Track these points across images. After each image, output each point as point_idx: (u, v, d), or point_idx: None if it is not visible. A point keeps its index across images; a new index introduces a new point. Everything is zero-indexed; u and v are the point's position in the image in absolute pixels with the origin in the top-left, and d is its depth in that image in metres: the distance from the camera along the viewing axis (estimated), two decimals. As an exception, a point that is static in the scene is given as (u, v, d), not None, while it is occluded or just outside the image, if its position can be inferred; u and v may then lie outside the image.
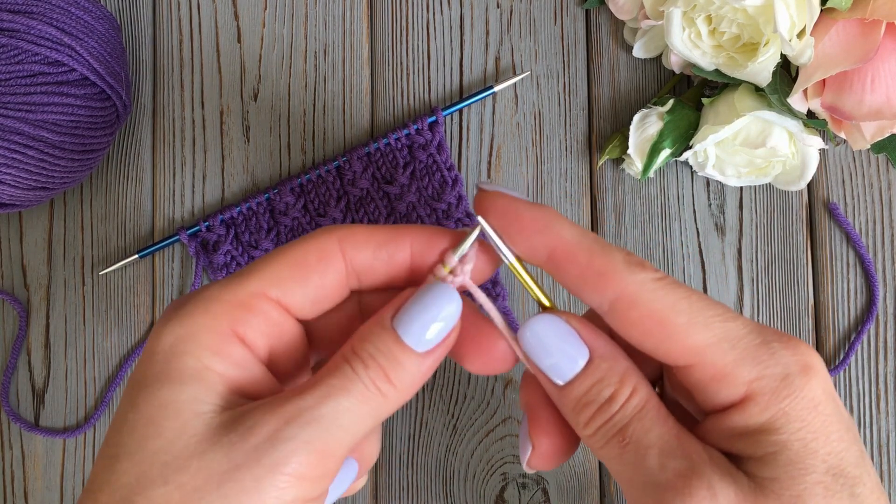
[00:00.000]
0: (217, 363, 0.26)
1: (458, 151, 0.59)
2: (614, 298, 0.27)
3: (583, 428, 0.28)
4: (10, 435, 0.58)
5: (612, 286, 0.27)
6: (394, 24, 0.59)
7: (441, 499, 0.57)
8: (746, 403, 0.26)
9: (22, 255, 0.59)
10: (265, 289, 0.28)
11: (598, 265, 0.27)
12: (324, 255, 0.28)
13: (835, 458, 0.25)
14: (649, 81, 0.59)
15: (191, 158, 0.59)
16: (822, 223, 0.58)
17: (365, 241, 0.29)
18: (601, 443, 0.27)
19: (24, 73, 0.50)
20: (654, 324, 0.26)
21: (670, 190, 0.58)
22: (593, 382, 0.27)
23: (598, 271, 0.27)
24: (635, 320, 0.27)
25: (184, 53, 0.60)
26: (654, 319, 0.26)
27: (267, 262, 0.28)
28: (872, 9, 0.46)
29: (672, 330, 0.26)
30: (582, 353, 0.28)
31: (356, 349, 0.27)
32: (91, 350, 0.58)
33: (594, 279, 0.27)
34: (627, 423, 0.27)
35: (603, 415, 0.27)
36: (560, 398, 0.28)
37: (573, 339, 0.28)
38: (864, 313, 0.57)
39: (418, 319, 0.27)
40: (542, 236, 0.28)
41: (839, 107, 0.48)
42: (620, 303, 0.27)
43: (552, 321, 0.29)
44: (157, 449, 0.25)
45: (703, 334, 0.26)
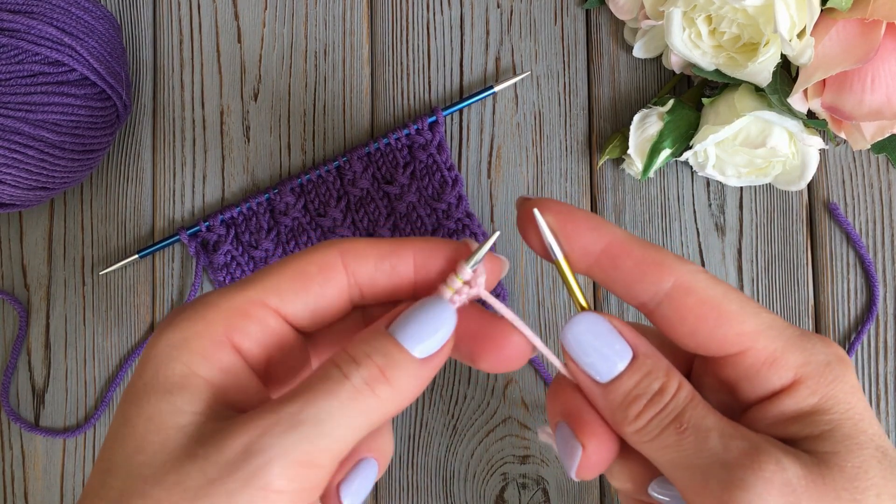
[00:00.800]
0: (205, 369, 0.26)
1: (458, 151, 0.59)
2: (672, 286, 0.27)
3: (632, 421, 0.28)
4: (10, 435, 0.58)
5: (669, 274, 0.27)
6: (394, 24, 0.59)
7: (441, 499, 0.57)
8: (796, 387, 0.27)
9: (22, 255, 0.59)
10: (264, 297, 0.27)
11: (653, 256, 0.28)
12: (325, 267, 0.28)
13: (880, 438, 0.27)
14: (649, 81, 0.59)
15: (191, 158, 0.59)
16: (822, 223, 0.58)
17: (366, 253, 0.28)
18: (654, 432, 0.27)
19: (24, 73, 0.50)
20: (709, 309, 0.27)
21: (670, 190, 0.58)
22: (641, 376, 0.28)
23: (654, 261, 0.28)
24: (691, 307, 0.27)
25: (184, 53, 0.60)
26: (710, 305, 0.27)
27: (267, 272, 0.28)
28: (872, 9, 0.46)
29: (727, 316, 0.27)
30: (625, 350, 0.28)
31: (348, 349, 0.27)
32: (91, 350, 0.58)
33: (651, 268, 0.28)
34: (682, 410, 0.27)
35: (655, 406, 0.27)
36: (604, 396, 0.28)
37: (616, 337, 0.29)
38: (864, 313, 0.57)
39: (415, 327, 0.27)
40: (596, 233, 0.28)
41: (839, 107, 0.48)
42: (677, 290, 0.27)
43: (595, 320, 0.29)
44: (141, 463, 0.25)
45: (754, 321, 0.27)
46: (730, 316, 0.27)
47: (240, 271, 0.57)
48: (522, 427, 0.57)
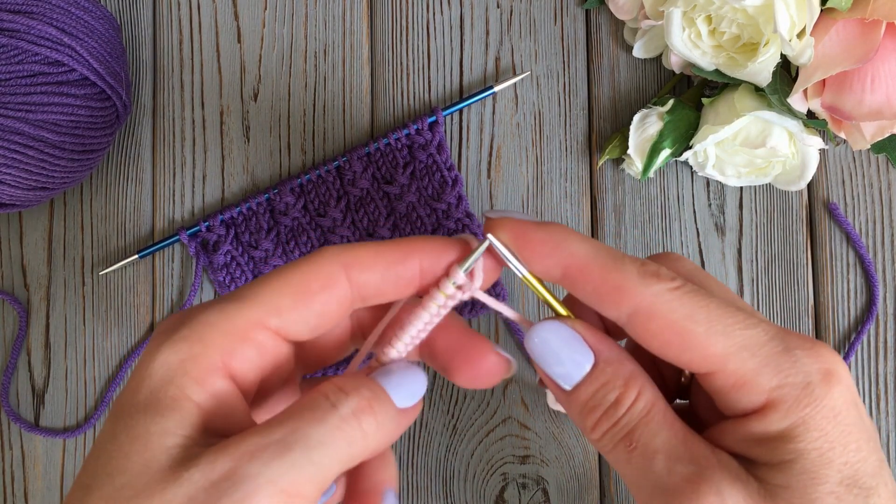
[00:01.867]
0: (197, 394, 0.25)
1: (458, 151, 0.59)
2: (631, 312, 0.27)
3: (590, 432, 0.28)
4: (10, 435, 0.58)
5: (628, 300, 0.26)
6: (394, 24, 0.59)
7: (441, 499, 0.57)
8: (767, 411, 0.26)
9: (22, 255, 0.59)
10: (264, 318, 0.26)
11: (613, 280, 0.27)
12: (328, 282, 0.27)
13: (850, 468, 0.25)
14: (649, 81, 0.59)
15: (191, 158, 0.59)
16: (822, 223, 0.58)
17: (372, 263, 0.28)
18: (609, 446, 0.27)
19: (24, 73, 0.50)
20: (672, 335, 0.26)
21: (670, 190, 0.58)
22: (598, 386, 0.28)
23: (613, 286, 0.27)
24: (654, 332, 0.26)
25: (184, 53, 0.60)
26: (673, 330, 0.26)
27: (267, 288, 0.27)
28: (872, 9, 0.46)
29: (691, 340, 0.26)
30: (587, 357, 0.28)
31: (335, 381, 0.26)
32: (91, 350, 0.58)
33: (610, 294, 0.27)
34: (634, 427, 0.27)
35: (609, 419, 0.27)
36: (568, 403, 0.29)
37: (578, 343, 0.28)
38: (863, 313, 0.57)
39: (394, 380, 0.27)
40: (553, 256, 0.28)
41: (839, 107, 0.48)
42: (638, 316, 0.27)
43: (556, 327, 0.29)
44: (123, 483, 0.24)
45: (722, 343, 0.26)
46: (694, 339, 0.26)
47: (240, 271, 0.57)
48: (522, 427, 0.57)
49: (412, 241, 0.29)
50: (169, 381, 0.25)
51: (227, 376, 0.26)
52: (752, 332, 0.26)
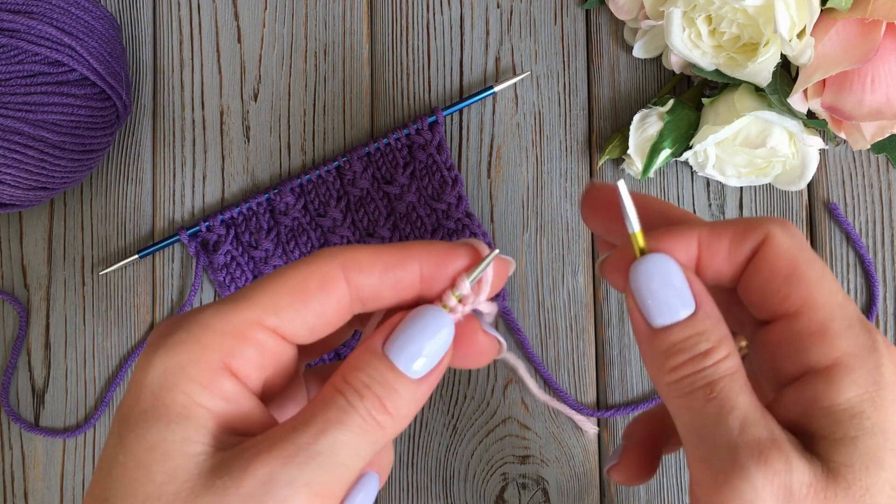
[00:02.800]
0: (207, 399, 0.25)
1: (458, 151, 0.59)
2: (764, 238, 0.28)
3: (668, 372, 0.27)
4: (10, 435, 0.58)
5: (762, 229, 0.28)
6: (394, 24, 0.59)
7: (441, 499, 0.57)
8: (833, 374, 0.26)
9: (22, 255, 0.59)
10: (262, 318, 0.26)
11: (747, 223, 0.28)
12: (326, 282, 0.27)
13: None
14: (649, 81, 0.59)
15: (191, 158, 0.59)
16: (822, 223, 0.58)
17: (370, 265, 0.27)
18: (684, 391, 0.27)
19: (24, 73, 0.50)
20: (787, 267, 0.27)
21: (670, 190, 0.58)
22: (694, 333, 0.27)
23: (744, 225, 0.28)
24: (771, 259, 0.27)
25: (184, 53, 0.60)
26: (789, 263, 0.27)
27: (265, 288, 0.26)
28: (872, 9, 0.46)
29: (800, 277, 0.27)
30: (688, 303, 0.28)
31: (348, 378, 0.26)
32: (91, 350, 0.58)
33: (745, 231, 0.28)
34: (718, 379, 0.26)
35: (695, 364, 0.27)
36: (650, 340, 0.28)
37: (684, 288, 0.28)
38: (863, 313, 0.57)
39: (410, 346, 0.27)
40: (690, 232, 0.29)
41: (839, 107, 0.48)
42: (767, 243, 0.28)
43: (668, 264, 0.28)
44: (148, 494, 0.24)
45: (824, 291, 0.27)
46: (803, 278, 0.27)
47: (240, 271, 0.57)
48: (522, 427, 0.57)
49: (413, 244, 0.28)
50: (173, 386, 0.25)
51: (231, 376, 0.26)
52: (850, 305, 0.27)
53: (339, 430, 0.25)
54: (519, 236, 0.58)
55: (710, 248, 0.28)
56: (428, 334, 0.27)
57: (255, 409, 0.26)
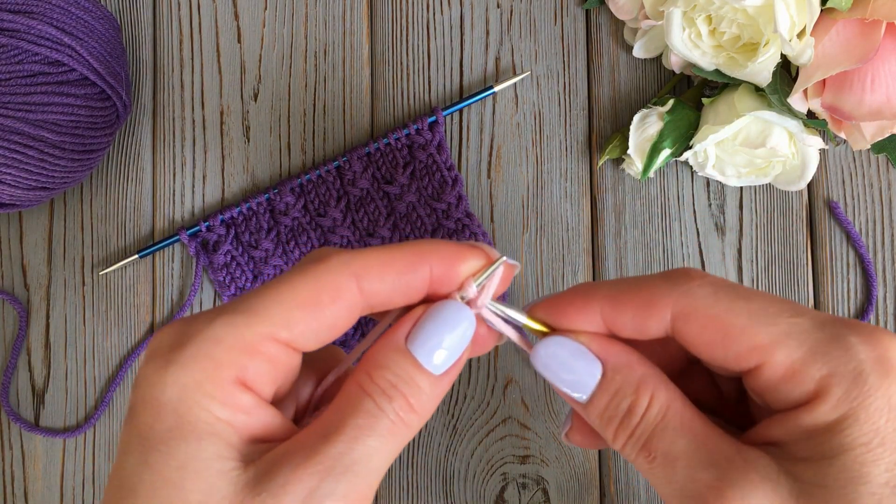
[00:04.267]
0: (228, 414, 0.25)
1: (458, 151, 0.59)
2: (672, 317, 0.26)
3: (612, 442, 0.27)
4: (10, 435, 0.58)
5: (665, 307, 0.26)
6: (394, 24, 0.59)
7: (441, 499, 0.57)
8: (816, 402, 0.24)
9: (22, 255, 0.59)
10: (274, 332, 0.25)
11: (642, 297, 0.27)
12: (339, 294, 0.26)
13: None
14: (649, 81, 0.59)
15: (191, 158, 0.59)
16: (822, 223, 0.58)
17: (383, 272, 0.27)
18: (632, 456, 0.27)
19: (24, 73, 0.50)
20: (714, 331, 0.26)
21: (670, 190, 0.58)
22: (611, 395, 0.27)
23: (646, 301, 0.27)
24: (696, 332, 0.26)
25: (184, 53, 0.60)
26: (714, 326, 0.26)
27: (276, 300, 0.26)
28: (872, 9, 0.46)
29: (733, 333, 0.25)
30: (594, 368, 0.28)
31: (374, 378, 0.26)
32: (91, 350, 0.58)
33: (646, 309, 0.27)
34: (650, 435, 0.26)
35: (625, 428, 0.27)
36: (587, 415, 0.28)
37: (583, 354, 0.28)
38: (860, 314, 0.57)
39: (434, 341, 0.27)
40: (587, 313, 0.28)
41: (839, 107, 0.48)
42: (677, 320, 0.26)
43: (559, 341, 0.28)
44: None
45: (767, 332, 0.25)
46: (737, 332, 0.25)
47: (240, 271, 0.57)
48: (522, 427, 0.57)
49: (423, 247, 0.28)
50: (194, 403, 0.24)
51: (247, 390, 0.26)
52: (799, 320, 0.25)
53: (371, 436, 0.25)
54: (519, 236, 0.58)
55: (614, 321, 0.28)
56: (450, 329, 0.27)
57: (273, 418, 0.26)
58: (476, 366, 0.58)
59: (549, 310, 0.29)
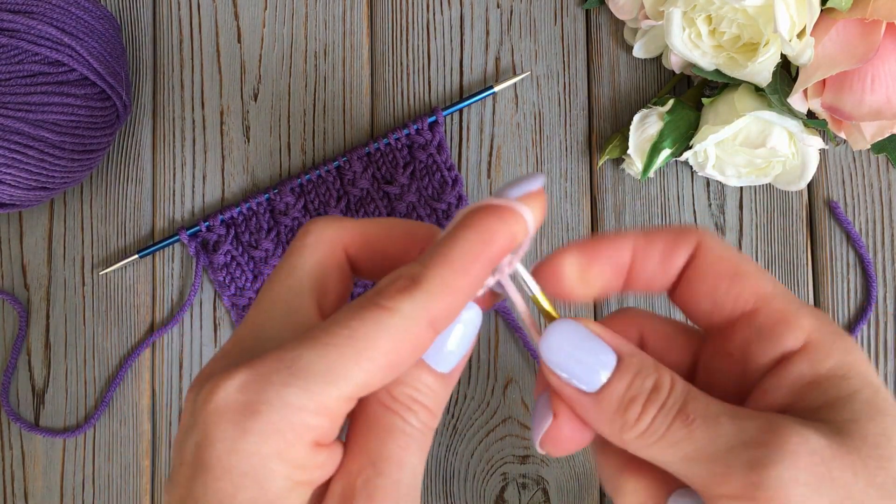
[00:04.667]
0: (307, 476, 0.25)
1: (458, 151, 0.59)
2: (696, 246, 0.28)
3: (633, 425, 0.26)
4: (10, 435, 0.58)
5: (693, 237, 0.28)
6: (394, 24, 0.59)
7: (441, 498, 0.57)
8: (810, 350, 0.27)
9: (22, 255, 0.59)
10: (352, 394, 0.25)
11: (677, 228, 0.29)
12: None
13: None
14: (649, 81, 0.59)
15: (191, 158, 0.59)
16: (822, 223, 0.58)
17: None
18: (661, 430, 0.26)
19: (24, 73, 0.50)
20: (727, 266, 0.28)
21: (670, 190, 0.58)
22: (632, 377, 0.27)
23: (678, 231, 0.29)
24: (712, 263, 0.28)
25: (184, 53, 0.60)
26: (729, 265, 0.28)
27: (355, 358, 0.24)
28: (872, 9, 0.46)
29: (744, 275, 0.28)
30: (609, 354, 0.27)
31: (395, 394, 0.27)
32: (91, 350, 0.58)
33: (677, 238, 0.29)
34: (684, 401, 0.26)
35: (655, 402, 0.26)
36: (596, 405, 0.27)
37: (597, 342, 0.28)
38: (859, 314, 0.57)
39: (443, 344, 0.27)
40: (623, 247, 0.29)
41: (839, 107, 0.48)
42: (701, 249, 0.28)
43: (572, 327, 0.28)
44: None
45: (769, 283, 0.28)
46: (746, 275, 0.28)
47: (240, 271, 0.57)
48: (522, 427, 0.57)
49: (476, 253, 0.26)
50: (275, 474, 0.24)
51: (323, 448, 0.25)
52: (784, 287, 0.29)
53: (412, 454, 0.26)
54: (519, 236, 0.58)
55: (644, 254, 0.29)
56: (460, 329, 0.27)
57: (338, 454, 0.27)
58: (476, 366, 0.58)
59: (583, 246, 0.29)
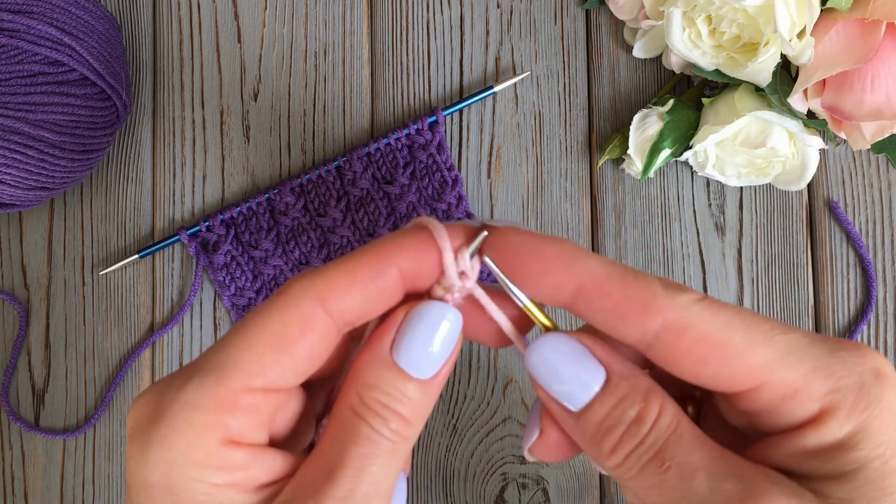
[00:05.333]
0: (225, 477, 0.24)
1: (458, 151, 0.59)
2: (660, 328, 0.24)
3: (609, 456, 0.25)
4: (10, 435, 0.58)
5: (655, 314, 0.24)
6: (394, 24, 0.59)
7: (441, 499, 0.57)
8: (823, 419, 0.23)
9: (22, 255, 0.59)
10: (248, 383, 0.24)
11: (636, 294, 0.24)
12: (306, 325, 0.24)
13: None
14: (649, 81, 0.59)
15: (191, 158, 0.59)
16: (822, 223, 0.58)
17: (347, 287, 0.25)
18: (634, 471, 0.24)
19: (24, 73, 0.50)
20: (709, 348, 0.24)
21: (670, 190, 0.58)
22: (615, 402, 0.25)
23: (637, 300, 0.24)
24: (687, 348, 0.24)
25: (184, 53, 0.60)
26: (709, 343, 0.24)
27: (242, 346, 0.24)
28: (872, 9, 0.46)
29: (730, 352, 0.23)
30: (598, 372, 0.25)
31: (366, 400, 0.25)
32: (91, 350, 0.58)
33: (634, 310, 0.24)
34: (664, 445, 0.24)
35: (632, 437, 0.24)
36: (577, 426, 0.26)
37: (586, 358, 0.25)
38: (859, 315, 0.57)
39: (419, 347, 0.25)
40: (567, 272, 0.25)
41: (839, 107, 0.48)
42: (668, 332, 0.24)
43: (560, 341, 0.26)
44: None
45: (765, 351, 0.23)
46: (735, 351, 0.23)
47: (240, 271, 0.57)
48: (522, 427, 0.57)
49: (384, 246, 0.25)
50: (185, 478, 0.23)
51: (236, 446, 0.24)
52: (793, 337, 0.24)
53: (375, 463, 0.24)
54: (519, 236, 0.58)
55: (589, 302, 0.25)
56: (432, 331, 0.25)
57: (275, 460, 0.25)
58: (476, 366, 0.58)
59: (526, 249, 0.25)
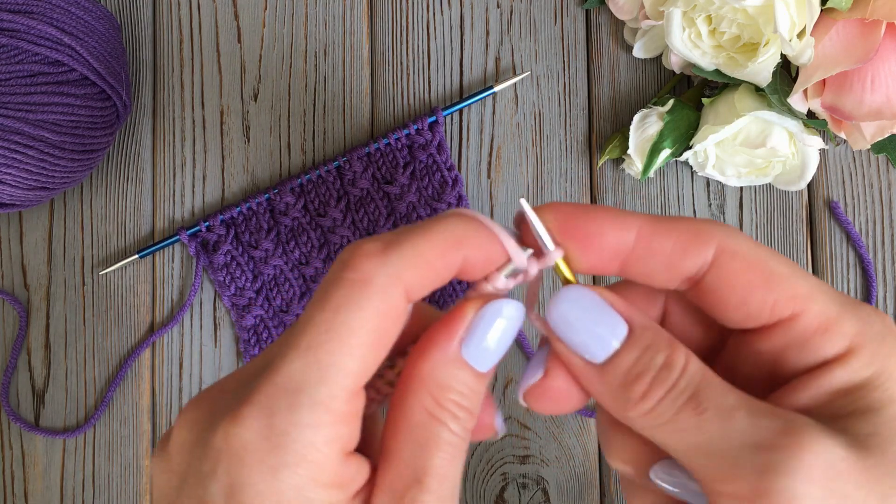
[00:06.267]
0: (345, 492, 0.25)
1: (458, 151, 0.59)
2: (717, 251, 0.25)
3: (637, 403, 0.25)
4: (10, 435, 0.58)
5: (709, 241, 0.25)
6: (394, 24, 0.59)
7: (441, 499, 0.57)
8: (850, 357, 0.25)
9: (22, 255, 0.59)
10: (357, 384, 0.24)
11: (686, 228, 0.26)
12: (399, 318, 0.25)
13: None
14: (649, 81, 0.59)
15: (191, 158, 0.59)
16: (822, 223, 0.58)
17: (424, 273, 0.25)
18: (668, 415, 0.24)
19: (24, 73, 0.50)
20: (758, 273, 0.25)
21: (670, 190, 0.58)
22: (641, 350, 0.25)
23: (693, 232, 0.25)
24: (739, 271, 0.25)
25: (184, 53, 0.60)
26: (759, 269, 0.25)
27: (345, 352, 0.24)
28: (872, 9, 0.46)
29: (778, 278, 0.25)
30: (619, 324, 0.25)
31: (441, 402, 0.25)
32: (91, 350, 0.58)
33: (691, 242, 0.25)
34: (697, 388, 0.24)
35: (663, 383, 0.24)
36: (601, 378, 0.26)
37: (607, 310, 0.26)
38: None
39: (488, 344, 0.26)
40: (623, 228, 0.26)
41: (839, 107, 0.48)
42: (722, 255, 0.25)
43: (582, 293, 0.26)
44: None
45: (806, 283, 0.25)
46: (780, 278, 0.25)
47: (240, 271, 0.57)
48: (522, 427, 0.57)
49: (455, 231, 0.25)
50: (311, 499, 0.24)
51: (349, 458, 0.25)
52: (825, 285, 0.26)
53: (453, 467, 0.25)
54: (519, 236, 0.58)
55: (648, 247, 0.26)
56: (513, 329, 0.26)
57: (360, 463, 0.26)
58: (476, 366, 0.58)
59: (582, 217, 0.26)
